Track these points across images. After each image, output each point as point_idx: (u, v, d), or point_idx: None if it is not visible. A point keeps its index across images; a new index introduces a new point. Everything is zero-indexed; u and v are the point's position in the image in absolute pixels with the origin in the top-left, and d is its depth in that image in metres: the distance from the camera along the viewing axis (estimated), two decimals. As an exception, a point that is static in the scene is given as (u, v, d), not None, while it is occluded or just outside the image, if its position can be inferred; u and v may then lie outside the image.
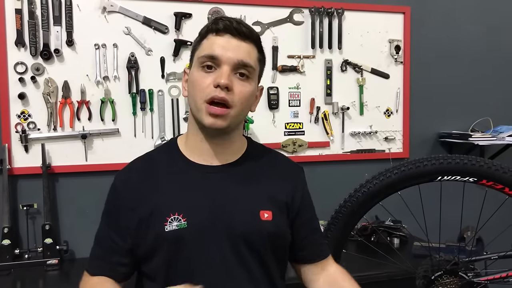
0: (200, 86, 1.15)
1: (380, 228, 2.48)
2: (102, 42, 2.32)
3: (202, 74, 1.16)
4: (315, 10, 2.61)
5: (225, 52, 1.15)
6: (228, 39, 1.16)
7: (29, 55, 2.22)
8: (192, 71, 1.20)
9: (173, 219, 1.16)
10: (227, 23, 1.16)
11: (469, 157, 1.39)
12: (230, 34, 1.17)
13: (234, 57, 1.15)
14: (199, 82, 1.16)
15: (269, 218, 1.22)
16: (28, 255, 2.19)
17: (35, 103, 2.25)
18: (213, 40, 1.17)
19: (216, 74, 1.15)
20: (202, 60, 1.16)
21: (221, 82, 1.12)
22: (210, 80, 1.14)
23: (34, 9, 2.22)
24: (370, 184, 1.46)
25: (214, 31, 1.18)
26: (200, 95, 1.15)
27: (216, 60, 1.15)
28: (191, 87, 1.19)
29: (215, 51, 1.15)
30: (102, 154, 2.34)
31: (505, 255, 1.69)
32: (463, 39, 2.91)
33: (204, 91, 1.14)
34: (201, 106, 1.15)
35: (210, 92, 1.13)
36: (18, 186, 2.28)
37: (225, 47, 1.15)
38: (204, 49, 1.17)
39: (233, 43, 1.16)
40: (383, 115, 2.78)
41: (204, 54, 1.16)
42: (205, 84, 1.14)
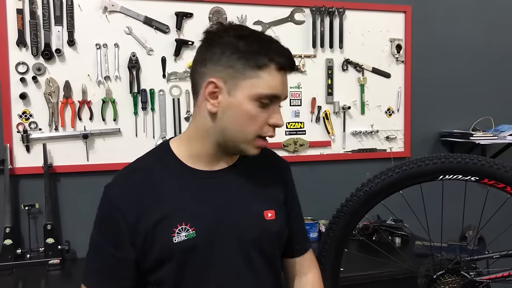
0: (254, 121, 1.12)
1: (381, 227, 2.48)
2: (103, 42, 2.32)
3: (258, 110, 1.11)
4: (316, 10, 2.61)
5: (285, 92, 1.15)
6: (284, 75, 1.14)
7: (30, 55, 2.23)
8: (242, 99, 1.11)
9: (181, 229, 1.12)
10: (287, 59, 1.12)
11: (470, 156, 1.39)
12: (288, 71, 1.15)
13: (287, 95, 1.17)
14: (255, 118, 1.12)
15: (272, 217, 1.22)
16: (30, 255, 2.19)
17: (37, 103, 2.25)
18: (277, 78, 1.11)
19: (271, 111, 1.13)
20: (261, 97, 1.10)
21: (281, 123, 1.15)
22: (266, 117, 1.13)
23: (35, 9, 2.22)
24: (372, 183, 1.45)
25: (277, 64, 1.11)
26: (254, 130, 1.13)
27: (276, 98, 1.13)
28: (241, 117, 1.12)
29: (279, 92, 1.12)
30: (103, 154, 2.35)
31: (507, 254, 1.69)
32: (464, 38, 2.91)
33: (260, 128, 1.13)
34: (251, 139, 1.14)
35: (267, 131, 1.14)
36: (20, 186, 2.28)
37: (284, 86, 1.14)
38: (268, 86, 1.10)
39: (286, 80, 1.15)
40: (384, 114, 2.78)
41: (267, 93, 1.10)
42: (261, 121, 1.12)
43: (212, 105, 1.12)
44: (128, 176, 1.20)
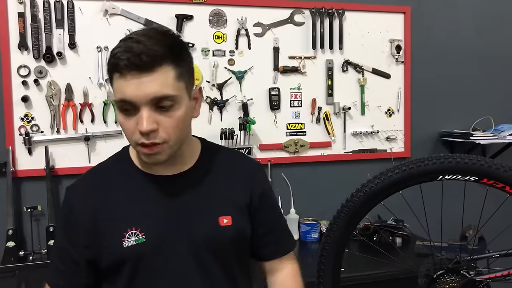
0: (127, 131, 1.08)
1: (382, 227, 2.49)
2: (104, 45, 2.33)
3: (123, 117, 1.07)
4: (315, 11, 2.62)
5: (136, 93, 1.02)
6: (134, 78, 1.02)
7: (32, 58, 2.24)
8: (117, 113, 1.12)
9: (131, 234, 1.12)
10: (126, 61, 1.01)
11: (469, 156, 1.39)
12: (134, 71, 1.02)
13: (148, 96, 1.02)
14: (124, 125, 1.08)
15: (228, 223, 1.19)
16: (33, 256, 2.20)
17: (38, 106, 2.27)
18: (120, 83, 1.04)
19: (137, 118, 1.05)
20: (119, 105, 1.07)
21: (142, 130, 1.04)
22: (133, 124, 1.06)
23: (36, 13, 2.24)
24: (372, 184, 1.45)
25: (117, 71, 1.04)
26: (130, 138, 1.09)
27: (130, 103, 1.04)
28: (122, 129, 1.12)
29: (126, 96, 1.03)
30: (105, 156, 2.27)
31: (507, 253, 1.70)
32: (464, 38, 2.92)
33: (132, 137, 1.07)
34: (135, 147, 1.10)
35: (138, 139, 1.06)
36: (22, 188, 2.29)
37: (133, 88, 1.02)
38: (116, 92, 1.07)
39: (141, 81, 1.02)
40: (385, 115, 2.79)
41: (117, 98, 1.06)
42: (131, 129, 1.07)
43: None
44: (86, 179, 1.23)
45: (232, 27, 2.52)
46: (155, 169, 1.18)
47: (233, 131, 2.50)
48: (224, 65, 2.51)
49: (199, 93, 1.20)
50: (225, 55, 2.51)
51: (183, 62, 1.10)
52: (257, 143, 2.58)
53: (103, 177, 1.21)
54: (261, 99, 2.58)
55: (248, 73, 2.54)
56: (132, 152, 1.22)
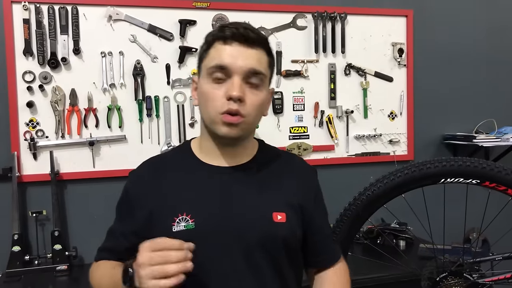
0: (212, 99, 1.12)
1: (386, 230, 2.49)
2: (108, 50, 2.35)
3: (212, 85, 1.13)
4: (318, 15, 2.63)
5: (234, 61, 1.11)
6: (236, 47, 1.12)
7: (37, 64, 2.26)
8: (202, 81, 1.16)
9: (181, 219, 1.14)
10: (234, 30, 1.12)
11: (471, 159, 1.40)
12: (238, 42, 1.12)
13: (245, 66, 1.11)
14: (210, 94, 1.13)
15: (282, 220, 1.18)
16: (38, 261, 2.22)
17: (43, 111, 2.29)
18: (221, 49, 1.12)
19: (227, 85, 1.11)
20: (211, 71, 1.12)
21: (234, 94, 1.09)
22: (222, 92, 1.11)
23: (41, 19, 2.26)
24: (374, 187, 1.47)
25: (221, 39, 1.13)
26: (213, 107, 1.12)
27: (226, 70, 1.11)
28: (203, 99, 1.16)
29: (224, 61, 1.11)
30: (109, 160, 2.37)
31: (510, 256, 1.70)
32: (466, 41, 2.92)
33: (217, 104, 1.12)
34: (215, 117, 1.13)
35: (223, 105, 1.11)
36: (27, 193, 2.31)
37: (234, 56, 1.11)
38: (212, 58, 1.13)
39: (242, 51, 1.12)
40: (387, 118, 2.79)
41: (213, 64, 1.12)
42: (217, 96, 1.12)
43: (195, 99, 1.22)
44: (145, 165, 1.29)
45: (235, 31, 2.53)
46: (213, 159, 1.22)
47: (237, 135, 2.51)
48: (227, 70, 2.52)
49: (271, 95, 1.29)
50: (228, 59, 2.52)
51: (272, 56, 1.22)
52: (261, 147, 2.59)
53: (162, 163, 1.27)
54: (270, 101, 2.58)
55: (251, 77, 2.55)
56: (195, 144, 1.27)
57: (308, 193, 1.27)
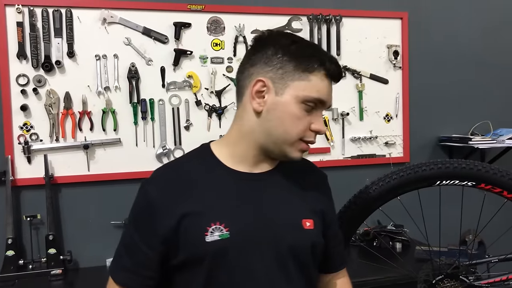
0: (299, 125, 1.12)
1: (382, 232, 2.49)
2: (102, 53, 2.34)
3: (303, 112, 1.12)
4: (313, 18, 2.63)
5: (329, 99, 1.15)
6: (330, 84, 1.15)
7: (30, 67, 2.25)
8: (288, 100, 1.12)
9: (214, 228, 1.08)
10: (335, 69, 1.14)
11: (467, 161, 1.40)
12: (334, 80, 1.16)
13: (330, 103, 1.17)
14: (299, 120, 1.12)
15: (311, 226, 1.18)
16: (32, 265, 2.20)
17: (37, 115, 2.27)
18: (324, 83, 1.13)
19: (314, 116, 1.14)
20: (308, 100, 1.11)
21: (322, 130, 1.15)
22: (308, 121, 1.13)
23: (35, 22, 2.25)
24: (370, 190, 1.47)
25: (326, 71, 1.13)
26: (297, 132, 1.12)
27: (322, 104, 1.14)
28: (285, 118, 1.13)
29: (325, 97, 1.13)
30: (104, 164, 2.36)
31: (506, 258, 1.70)
32: (461, 43, 2.93)
33: (303, 131, 1.13)
34: (294, 141, 1.13)
35: (309, 136, 1.14)
36: (22, 197, 2.29)
37: (330, 94, 1.15)
38: (316, 90, 1.12)
39: (331, 88, 1.16)
40: (383, 120, 2.79)
41: (315, 96, 1.11)
42: (305, 124, 1.13)
43: (258, 104, 1.13)
44: (166, 172, 1.20)
45: (230, 34, 2.53)
46: (241, 166, 1.18)
47: (232, 138, 2.50)
48: (222, 72, 2.52)
49: None
50: (223, 62, 2.52)
51: None
52: (256, 150, 2.58)
53: (185, 171, 1.18)
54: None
55: (247, 80, 2.55)
56: (216, 148, 1.21)
57: (326, 198, 1.29)
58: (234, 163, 1.18)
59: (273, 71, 1.12)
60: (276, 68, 1.12)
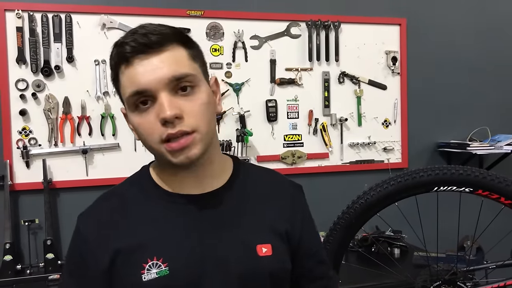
0: (147, 130, 0.92)
1: (380, 238, 2.49)
2: (102, 58, 2.35)
3: (140, 115, 0.92)
4: (311, 23, 2.64)
5: (148, 78, 0.89)
6: (143, 60, 0.90)
7: (30, 72, 2.26)
8: (129, 115, 0.95)
9: (151, 265, 0.93)
10: (132, 43, 0.90)
11: (464, 168, 1.41)
12: (141, 54, 0.90)
13: (162, 78, 0.89)
14: (143, 126, 0.92)
15: (268, 253, 1.00)
16: (30, 270, 2.20)
17: (36, 119, 2.28)
18: (129, 74, 0.91)
19: (156, 107, 0.90)
20: (131, 101, 0.92)
21: (166, 115, 0.88)
22: (153, 118, 0.90)
23: (34, 27, 2.25)
24: (368, 196, 1.47)
25: (123, 59, 0.92)
26: (152, 139, 0.92)
27: (145, 92, 0.90)
28: (139, 133, 0.95)
29: (139, 84, 0.89)
30: (103, 169, 2.36)
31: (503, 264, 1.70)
32: (459, 49, 2.94)
33: (154, 134, 0.91)
34: (159, 149, 0.92)
35: (161, 133, 0.90)
36: (20, 201, 2.29)
37: (145, 73, 0.89)
38: (126, 86, 0.92)
39: (152, 62, 0.90)
40: (381, 125, 2.80)
41: (129, 93, 0.91)
42: (151, 125, 0.91)
43: (135, 133, 0.99)
44: (99, 205, 1.04)
45: (229, 40, 2.53)
46: (180, 188, 1.00)
47: (231, 143, 2.51)
48: (221, 78, 2.52)
49: (216, 85, 1.05)
50: (222, 67, 2.53)
51: (193, 44, 0.99)
52: (255, 155, 2.59)
53: (120, 201, 1.02)
54: (258, 111, 2.59)
55: (245, 85, 2.56)
56: (154, 169, 1.05)
57: (295, 215, 1.09)
58: (170, 186, 1.01)
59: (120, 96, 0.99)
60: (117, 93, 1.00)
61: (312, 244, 1.12)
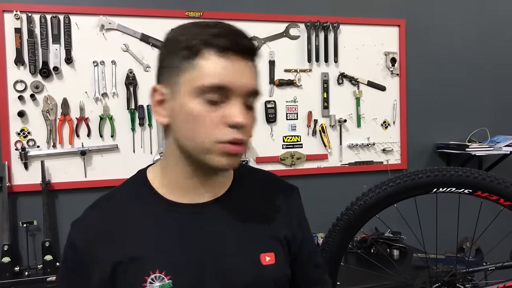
0: (206, 124, 0.88)
1: (379, 240, 2.49)
2: (100, 59, 2.35)
3: (206, 107, 0.87)
4: (310, 25, 2.64)
5: (239, 79, 0.87)
6: (236, 61, 0.87)
7: (28, 73, 2.25)
8: (185, 99, 0.88)
9: (154, 278, 0.90)
10: (231, 38, 0.88)
11: (463, 169, 1.40)
12: (236, 54, 0.88)
13: (246, 86, 0.89)
14: (203, 119, 0.87)
15: (271, 261, 0.98)
16: (28, 272, 2.19)
17: (35, 121, 2.27)
18: (218, 64, 0.86)
19: (226, 108, 0.88)
20: (204, 90, 0.87)
21: (240, 121, 0.87)
22: (218, 116, 0.87)
23: (33, 28, 2.25)
24: (366, 197, 1.46)
25: (214, 47, 0.87)
26: (207, 135, 0.88)
27: (226, 90, 0.87)
28: (190, 123, 0.89)
29: (225, 80, 0.86)
30: (101, 170, 2.36)
31: (503, 265, 1.70)
32: (458, 50, 2.94)
33: (214, 131, 0.87)
34: (211, 146, 0.88)
35: (224, 134, 0.87)
36: (18, 203, 2.29)
37: (236, 74, 0.87)
38: (206, 75, 0.86)
39: (241, 66, 0.88)
40: (380, 127, 2.80)
41: (208, 83, 0.86)
42: (213, 121, 0.87)
43: (161, 116, 0.93)
44: (94, 212, 0.99)
45: (227, 41, 2.53)
46: (180, 196, 0.97)
47: (230, 144, 2.51)
48: (220, 79, 2.51)
49: None
50: (221, 68, 2.52)
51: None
52: (254, 156, 2.59)
53: (116, 207, 0.97)
54: (257, 112, 2.58)
55: (244, 86, 2.55)
56: (152, 175, 1.00)
57: (293, 218, 1.07)
58: (171, 193, 0.97)
59: (165, 73, 0.93)
60: (165, 68, 0.93)
61: (308, 248, 1.10)
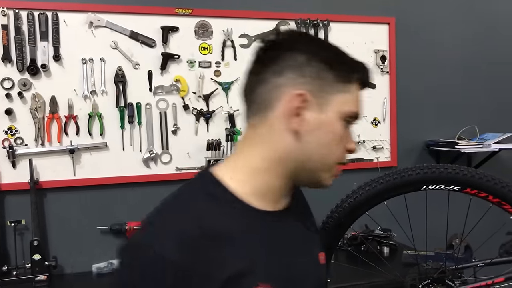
0: (341, 146, 0.92)
1: (369, 237, 2.49)
2: (89, 57, 2.33)
3: (344, 131, 0.92)
4: (301, 22, 2.63)
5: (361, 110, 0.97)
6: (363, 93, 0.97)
7: (16, 70, 2.23)
8: (332, 118, 0.89)
9: None
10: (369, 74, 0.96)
11: (452, 166, 1.41)
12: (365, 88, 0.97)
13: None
14: (341, 141, 0.92)
15: (323, 260, 1.02)
16: (16, 271, 2.17)
17: (22, 119, 2.25)
18: (358, 94, 0.94)
19: (348, 134, 0.94)
20: (351, 116, 0.92)
21: (354, 149, 0.96)
22: (344, 140, 0.93)
23: (20, 25, 2.22)
24: (356, 195, 1.46)
25: (361, 83, 0.94)
26: (338, 154, 0.92)
27: (355, 119, 0.95)
28: (327, 139, 0.90)
29: (360, 111, 0.95)
30: (90, 168, 2.34)
31: (491, 262, 1.71)
32: (448, 48, 2.95)
33: (338, 152, 0.92)
34: (332, 166, 0.93)
35: (344, 157, 0.94)
36: (6, 202, 2.26)
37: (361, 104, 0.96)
38: (356, 103, 0.93)
39: None
40: (371, 124, 2.80)
41: (354, 110, 0.92)
42: (341, 144, 0.92)
43: (296, 123, 0.88)
44: (180, 223, 0.83)
45: (218, 38, 2.52)
46: (264, 203, 0.91)
47: (220, 142, 2.50)
48: (210, 76, 2.51)
49: None
50: (211, 66, 2.52)
51: None
52: (244, 154, 2.58)
53: (202, 217, 0.85)
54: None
55: (235, 84, 2.55)
56: (230, 181, 0.90)
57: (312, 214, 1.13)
58: (257, 200, 0.90)
59: (311, 82, 0.88)
60: (312, 78, 0.88)
61: None
